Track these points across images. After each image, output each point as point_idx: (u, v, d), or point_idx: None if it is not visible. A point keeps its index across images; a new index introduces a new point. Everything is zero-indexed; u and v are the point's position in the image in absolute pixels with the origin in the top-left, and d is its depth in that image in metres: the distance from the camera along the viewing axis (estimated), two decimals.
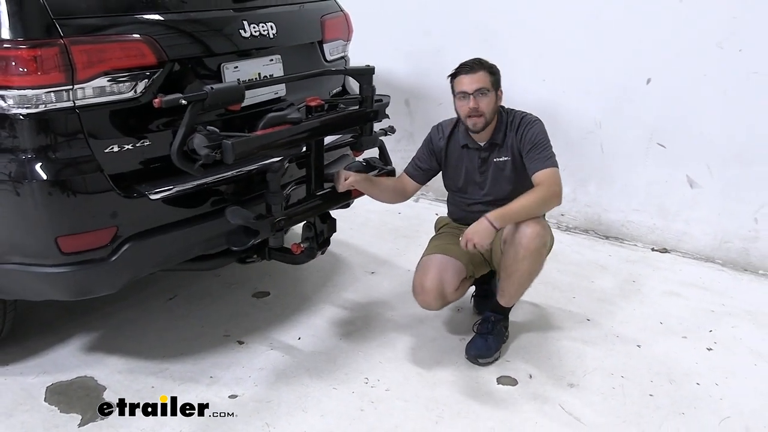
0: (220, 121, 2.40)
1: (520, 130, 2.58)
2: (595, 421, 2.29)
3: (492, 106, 2.55)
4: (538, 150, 2.53)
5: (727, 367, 2.61)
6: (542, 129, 2.59)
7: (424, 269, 2.63)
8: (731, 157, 3.41)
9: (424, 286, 2.58)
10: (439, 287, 2.57)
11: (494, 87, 2.55)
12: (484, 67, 2.54)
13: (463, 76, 2.53)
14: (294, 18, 2.69)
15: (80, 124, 2.03)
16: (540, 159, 2.52)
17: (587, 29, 3.66)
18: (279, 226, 2.34)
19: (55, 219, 2.04)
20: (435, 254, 2.65)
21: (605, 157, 3.80)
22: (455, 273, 2.60)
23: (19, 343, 2.66)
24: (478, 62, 2.55)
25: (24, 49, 1.92)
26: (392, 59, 4.28)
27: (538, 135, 2.55)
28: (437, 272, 2.58)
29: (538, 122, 2.61)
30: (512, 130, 2.60)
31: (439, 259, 2.62)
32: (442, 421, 2.28)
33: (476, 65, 2.54)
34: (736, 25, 3.24)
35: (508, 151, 2.60)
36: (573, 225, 4.00)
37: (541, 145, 2.54)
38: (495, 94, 2.56)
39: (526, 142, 2.55)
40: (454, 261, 2.61)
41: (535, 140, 2.54)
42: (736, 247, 3.49)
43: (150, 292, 3.08)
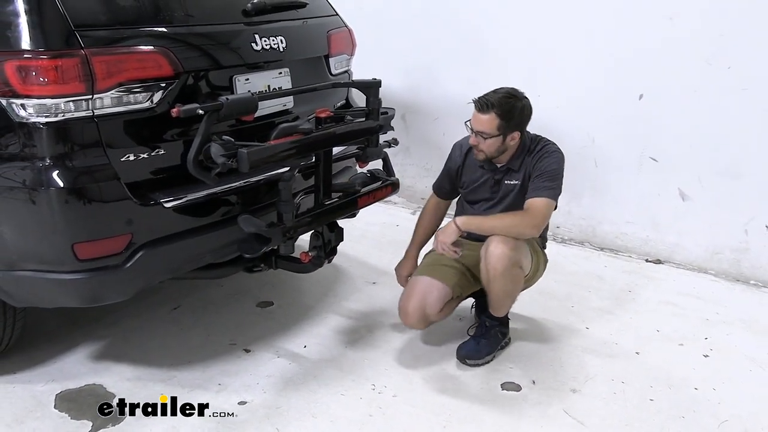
0: (229, 132, 2.44)
1: (536, 157, 2.58)
2: (598, 424, 2.35)
3: (494, 148, 2.54)
4: (542, 178, 2.54)
5: (723, 372, 2.68)
6: (558, 160, 2.57)
7: (409, 292, 2.70)
8: (721, 170, 3.51)
9: (407, 311, 2.67)
10: (421, 311, 2.64)
11: (502, 131, 2.50)
12: (496, 109, 2.47)
13: (474, 111, 2.53)
14: (302, 32, 2.76)
15: (98, 133, 2.07)
16: (539, 187, 2.53)
17: (581, 46, 3.77)
18: (290, 234, 2.39)
19: (73, 226, 2.07)
20: (422, 276, 2.70)
21: (599, 170, 3.89)
22: (439, 297, 2.66)
23: (26, 352, 2.67)
24: (492, 103, 2.48)
25: (45, 59, 1.96)
26: (388, 75, 4.33)
27: (551, 165, 2.55)
28: (421, 296, 2.65)
29: (556, 153, 2.59)
30: (530, 156, 2.60)
31: (424, 283, 2.67)
32: (450, 425, 2.32)
33: (487, 106, 2.48)
34: (724, 42, 3.36)
35: (520, 176, 2.62)
36: (568, 237, 4.08)
37: (547, 174, 2.54)
38: (501, 139, 2.52)
39: (536, 169, 2.56)
40: (439, 285, 2.67)
41: (545, 169, 2.54)
42: (728, 258, 3.59)
43: (154, 301, 3.10)
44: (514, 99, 2.52)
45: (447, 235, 2.56)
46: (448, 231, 2.56)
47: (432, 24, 4.27)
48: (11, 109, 1.99)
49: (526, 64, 3.97)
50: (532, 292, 2.86)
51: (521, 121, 2.54)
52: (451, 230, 2.55)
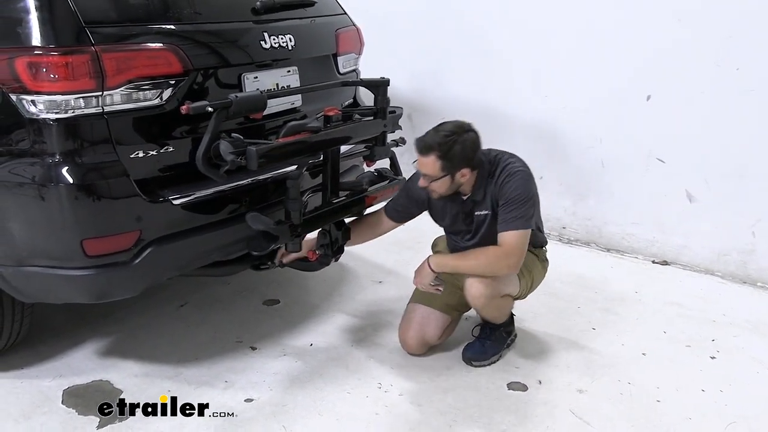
0: (237, 130, 2.44)
1: (498, 182, 2.43)
2: (605, 425, 2.35)
3: (445, 187, 2.42)
4: (509, 208, 2.39)
5: (730, 374, 2.67)
6: (521, 182, 2.41)
7: (406, 323, 2.71)
8: (728, 171, 3.50)
9: (406, 341, 2.70)
10: (420, 340, 2.68)
11: (447, 171, 2.36)
12: (436, 152, 2.33)
13: (417, 154, 2.40)
14: (310, 31, 2.76)
15: (108, 130, 2.08)
16: (507, 219, 2.39)
17: (588, 47, 3.76)
18: (298, 232, 2.39)
19: (82, 222, 2.08)
20: (418, 305, 2.70)
21: (605, 171, 3.88)
22: (437, 326, 2.68)
23: (33, 348, 2.68)
24: (431, 145, 2.34)
25: (56, 56, 1.97)
26: (395, 74, 4.34)
27: (515, 190, 2.39)
28: (419, 327, 2.67)
29: (519, 173, 2.43)
30: (492, 180, 2.46)
31: (421, 313, 2.68)
32: (456, 424, 2.32)
33: (427, 148, 2.35)
34: (732, 44, 3.35)
35: (488, 205, 2.48)
36: (574, 238, 4.07)
37: (513, 202, 2.39)
38: (449, 179, 2.39)
39: (501, 196, 2.42)
40: (437, 313, 2.67)
41: (509, 196, 2.39)
42: (735, 259, 3.58)
43: (161, 298, 3.12)
44: (455, 137, 2.34)
45: (423, 277, 2.52)
46: (423, 273, 2.52)
47: (437, 26, 4.28)
48: (21, 105, 2.00)
49: (531, 65, 3.97)
50: (538, 293, 2.85)
51: (465, 157, 2.36)
52: (425, 273, 2.51)
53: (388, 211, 2.74)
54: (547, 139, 4.01)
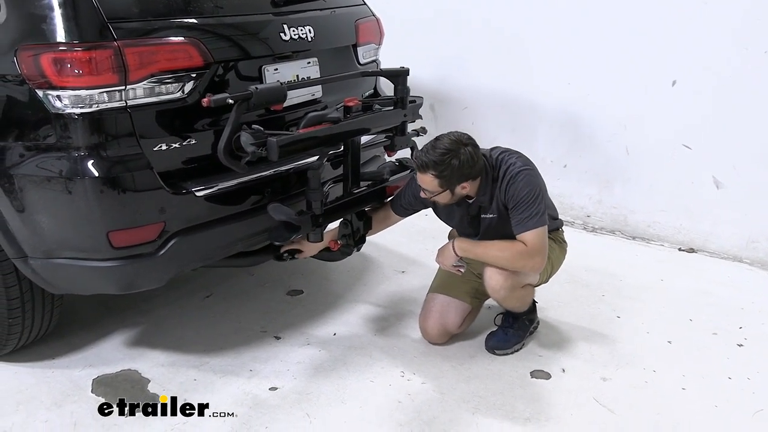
0: (258, 122, 2.46)
1: (503, 185, 2.41)
2: (629, 413, 2.33)
3: (447, 200, 2.42)
4: (519, 209, 2.37)
5: (758, 362, 2.63)
6: (526, 181, 2.38)
7: (426, 312, 2.72)
8: (757, 157, 3.44)
9: (427, 331, 2.71)
10: (440, 329, 2.69)
11: (446, 187, 2.35)
12: (432, 170, 2.30)
13: (416, 170, 2.38)
14: (330, 22, 2.77)
15: (131, 123, 2.11)
16: (522, 220, 2.37)
17: (612, 33, 3.71)
18: (319, 222, 2.41)
19: (107, 214, 2.12)
20: (438, 294, 2.71)
21: (631, 158, 3.84)
22: (457, 314, 2.68)
23: (63, 339, 2.74)
24: (427, 163, 2.30)
25: (79, 51, 2.00)
26: (416, 64, 4.34)
27: (521, 191, 2.37)
28: (439, 316, 2.68)
29: (523, 173, 2.39)
30: (497, 184, 2.43)
31: (440, 302, 2.69)
32: (479, 412, 2.33)
33: (423, 167, 2.31)
34: (760, 27, 3.28)
35: (494, 208, 2.46)
36: (599, 226, 4.04)
37: (522, 203, 2.36)
38: (449, 193, 2.38)
39: (509, 198, 2.39)
40: (456, 302, 2.68)
41: (517, 198, 2.37)
42: (764, 246, 3.51)
43: (187, 289, 3.16)
44: (451, 154, 2.28)
45: (446, 258, 2.54)
46: (446, 254, 2.53)
47: (463, 15, 4.25)
48: (47, 101, 2.04)
49: (556, 53, 3.93)
50: (562, 282, 2.84)
51: (463, 174, 2.32)
52: (449, 254, 2.51)
53: (395, 207, 2.73)
54: (572, 126, 3.98)
